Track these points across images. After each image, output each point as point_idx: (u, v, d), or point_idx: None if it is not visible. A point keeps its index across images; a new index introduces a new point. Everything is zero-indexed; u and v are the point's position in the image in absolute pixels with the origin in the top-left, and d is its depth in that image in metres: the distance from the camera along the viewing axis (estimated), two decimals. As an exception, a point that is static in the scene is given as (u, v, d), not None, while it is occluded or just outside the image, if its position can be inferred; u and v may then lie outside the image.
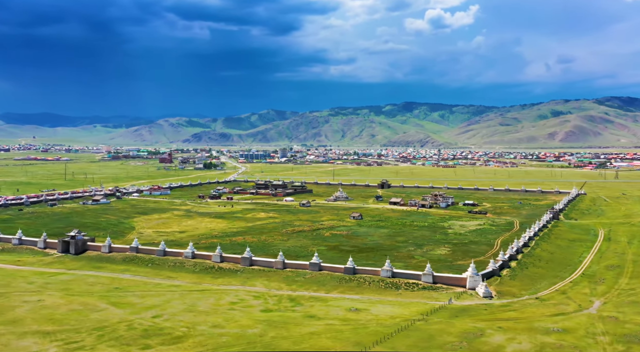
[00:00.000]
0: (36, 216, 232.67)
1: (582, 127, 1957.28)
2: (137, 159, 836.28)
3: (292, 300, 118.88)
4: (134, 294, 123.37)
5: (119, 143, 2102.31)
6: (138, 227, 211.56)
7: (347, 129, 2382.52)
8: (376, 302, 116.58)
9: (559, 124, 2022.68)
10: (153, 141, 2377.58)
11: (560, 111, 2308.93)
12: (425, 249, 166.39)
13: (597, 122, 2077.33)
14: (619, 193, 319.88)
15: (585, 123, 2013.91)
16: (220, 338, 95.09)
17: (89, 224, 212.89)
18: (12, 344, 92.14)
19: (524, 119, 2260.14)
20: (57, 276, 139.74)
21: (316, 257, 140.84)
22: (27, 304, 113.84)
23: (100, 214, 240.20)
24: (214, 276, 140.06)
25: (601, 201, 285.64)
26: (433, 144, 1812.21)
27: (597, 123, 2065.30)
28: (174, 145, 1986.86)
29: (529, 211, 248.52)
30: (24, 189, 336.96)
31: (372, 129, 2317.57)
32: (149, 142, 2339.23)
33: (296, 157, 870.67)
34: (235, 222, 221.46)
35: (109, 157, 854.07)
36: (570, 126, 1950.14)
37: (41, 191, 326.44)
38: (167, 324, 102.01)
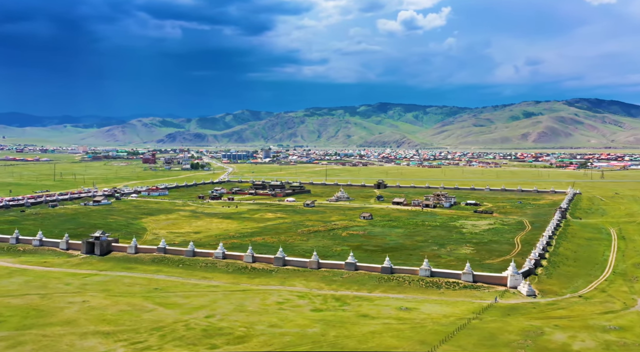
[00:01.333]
0: (42, 217, 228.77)
1: (553, 128, 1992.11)
2: (118, 159, 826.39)
3: (337, 299, 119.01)
4: (176, 294, 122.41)
5: (90, 143, 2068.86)
6: (150, 228, 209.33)
7: (322, 129, 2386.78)
8: (422, 301, 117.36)
9: (532, 125, 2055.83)
10: (126, 141, 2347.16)
11: (532, 112, 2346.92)
12: (448, 248, 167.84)
13: (567, 123, 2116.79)
14: (611, 193, 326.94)
15: (557, 124, 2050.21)
16: (283, 337, 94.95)
17: (99, 225, 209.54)
18: (77, 344, 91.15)
19: (496, 120, 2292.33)
20: (90, 277, 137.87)
21: (352, 257, 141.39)
22: (73, 305, 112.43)
23: (106, 215, 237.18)
24: (250, 276, 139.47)
25: (598, 200, 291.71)
26: (409, 145, 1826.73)
27: (568, 124, 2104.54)
28: (149, 145, 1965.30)
29: (532, 211, 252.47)
30: (16, 190, 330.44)
31: (347, 129, 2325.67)
32: (122, 142, 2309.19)
33: (279, 158, 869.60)
34: (246, 223, 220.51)
35: (89, 158, 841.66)
36: (542, 127, 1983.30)
37: (35, 192, 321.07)
38: (223, 324, 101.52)
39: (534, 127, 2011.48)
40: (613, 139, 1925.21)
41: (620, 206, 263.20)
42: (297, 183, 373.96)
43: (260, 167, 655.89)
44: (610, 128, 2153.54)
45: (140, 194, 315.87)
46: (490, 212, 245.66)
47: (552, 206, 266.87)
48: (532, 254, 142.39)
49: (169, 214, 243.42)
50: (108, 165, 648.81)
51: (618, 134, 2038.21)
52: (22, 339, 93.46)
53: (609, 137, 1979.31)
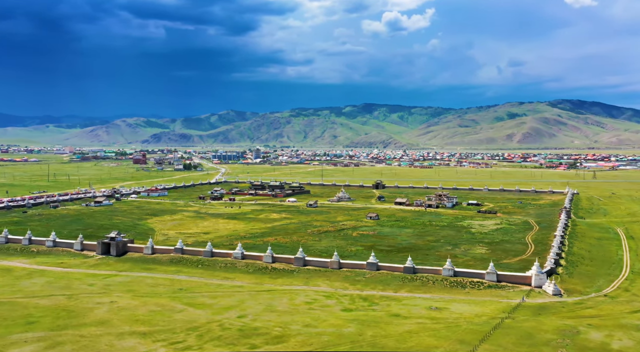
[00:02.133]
0: (46, 218, 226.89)
1: (537, 129, 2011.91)
2: (108, 160, 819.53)
3: (364, 299, 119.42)
4: (202, 295, 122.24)
5: (74, 143, 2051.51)
6: (157, 229, 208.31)
7: (308, 130, 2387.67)
8: (450, 301, 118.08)
9: (516, 125, 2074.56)
10: (110, 142, 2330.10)
11: (516, 113, 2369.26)
12: (462, 248, 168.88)
13: (551, 124, 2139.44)
14: (607, 193, 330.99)
15: (541, 125, 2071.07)
16: (321, 337, 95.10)
17: (106, 226, 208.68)
18: (116, 344, 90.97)
19: (481, 120, 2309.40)
20: (111, 277, 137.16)
21: (373, 257, 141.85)
22: (102, 305, 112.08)
23: (111, 216, 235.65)
24: (272, 276, 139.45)
25: (596, 200, 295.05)
26: (396, 145, 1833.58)
27: (552, 125, 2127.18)
28: (133, 146, 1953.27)
29: (535, 211, 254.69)
30: (12, 191, 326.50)
31: (333, 130, 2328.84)
32: (106, 142, 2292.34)
33: (269, 158, 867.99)
34: (254, 224, 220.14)
35: (78, 158, 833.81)
36: (526, 128, 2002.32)
37: (31, 193, 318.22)
38: (257, 324, 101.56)
39: (518, 128, 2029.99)
40: (596, 140, 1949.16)
41: (620, 206, 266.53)
42: (296, 184, 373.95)
43: (253, 168, 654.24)
44: (592, 129, 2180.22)
45: (139, 194, 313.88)
46: (494, 212, 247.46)
47: (553, 206, 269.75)
48: (551, 253, 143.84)
49: (173, 215, 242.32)
50: (99, 166, 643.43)
51: (601, 134, 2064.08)
52: (59, 339, 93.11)
53: (592, 138, 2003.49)
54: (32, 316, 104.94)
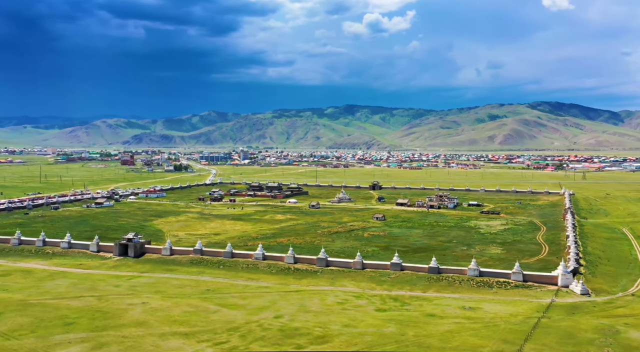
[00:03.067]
0: (50, 220, 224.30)
1: (518, 130, 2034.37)
2: (93, 161, 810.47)
3: (395, 300, 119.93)
4: (231, 295, 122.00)
5: (53, 144, 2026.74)
6: (165, 230, 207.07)
7: (291, 131, 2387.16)
8: (480, 300, 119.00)
9: (497, 127, 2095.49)
10: (90, 143, 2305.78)
11: (497, 115, 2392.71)
12: (477, 248, 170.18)
13: (531, 125, 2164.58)
14: (601, 193, 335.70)
15: (521, 127, 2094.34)
16: (364, 337, 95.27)
17: (113, 228, 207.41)
18: (162, 345, 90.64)
19: (463, 122, 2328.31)
20: (135, 278, 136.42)
21: (397, 258, 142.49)
22: (134, 306, 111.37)
23: (115, 218, 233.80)
24: (295, 277, 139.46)
25: (593, 201, 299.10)
26: (379, 147, 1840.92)
27: (532, 127, 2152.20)
28: (114, 147, 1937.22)
29: (536, 211, 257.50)
30: (7, 193, 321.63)
31: (316, 131, 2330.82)
32: (86, 143, 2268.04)
33: (257, 160, 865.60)
34: (261, 225, 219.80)
35: (63, 159, 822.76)
36: (507, 129, 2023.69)
37: (27, 194, 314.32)
38: (296, 324, 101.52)
39: (499, 129, 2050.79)
40: (575, 142, 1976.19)
41: (619, 207, 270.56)
42: (294, 185, 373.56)
43: (244, 169, 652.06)
44: (571, 131, 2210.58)
45: (138, 196, 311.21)
46: (497, 212, 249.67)
47: (553, 207, 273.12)
48: (572, 253, 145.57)
49: (178, 216, 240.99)
50: (87, 167, 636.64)
51: (579, 136, 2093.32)
52: (102, 340, 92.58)
53: (571, 140, 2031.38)
54: (67, 317, 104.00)
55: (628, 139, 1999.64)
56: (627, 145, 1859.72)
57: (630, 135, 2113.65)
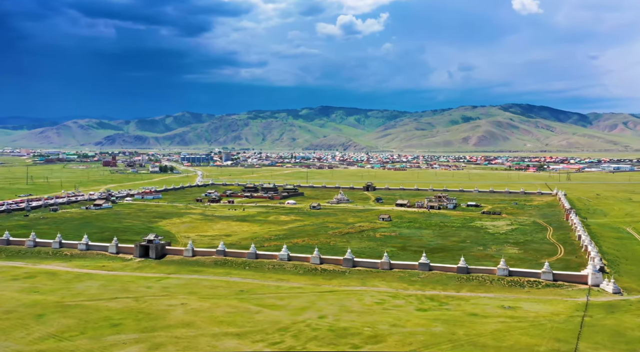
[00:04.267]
0: (53, 221, 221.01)
1: (492, 132, 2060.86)
2: (72, 162, 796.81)
3: (431, 299, 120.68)
4: (267, 296, 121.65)
5: (22, 145, 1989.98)
6: (173, 231, 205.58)
7: (267, 132, 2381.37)
8: (516, 300, 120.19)
9: (471, 129, 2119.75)
10: (61, 144, 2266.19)
11: (470, 117, 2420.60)
12: (493, 248, 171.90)
13: (504, 127, 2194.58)
14: (591, 194, 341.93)
15: (495, 128, 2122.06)
16: (416, 337, 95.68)
17: (121, 229, 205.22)
18: (218, 345, 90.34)
19: (437, 124, 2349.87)
20: (164, 280, 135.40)
21: (424, 258, 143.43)
22: (174, 307, 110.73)
23: (119, 219, 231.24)
24: (325, 277, 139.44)
25: (586, 201, 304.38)
26: (355, 148, 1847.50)
27: (505, 128, 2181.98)
28: (86, 148, 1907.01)
29: (536, 211, 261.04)
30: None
31: (292, 132, 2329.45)
32: (57, 144, 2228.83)
33: (239, 161, 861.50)
34: (269, 226, 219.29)
35: (42, 161, 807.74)
36: (481, 131, 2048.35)
37: (18, 196, 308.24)
38: (343, 324, 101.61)
39: (473, 131, 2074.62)
40: (547, 143, 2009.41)
41: (614, 207, 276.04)
42: (291, 186, 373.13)
43: (229, 170, 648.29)
44: (543, 132, 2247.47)
45: (134, 197, 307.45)
46: (498, 213, 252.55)
47: (550, 207, 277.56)
48: (594, 253, 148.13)
49: (181, 218, 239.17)
50: (69, 169, 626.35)
51: (551, 138, 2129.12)
52: (156, 341, 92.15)
53: (543, 141, 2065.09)
54: (111, 318, 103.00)
55: (597, 141, 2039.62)
56: (596, 147, 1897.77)
57: (599, 137, 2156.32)
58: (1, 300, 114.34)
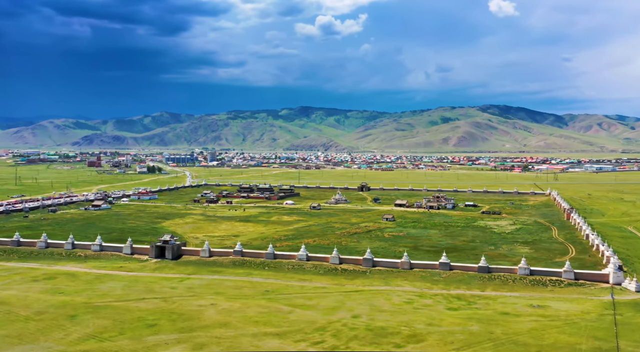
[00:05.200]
0: (56, 223, 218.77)
1: (471, 133, 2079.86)
2: (55, 163, 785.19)
3: (458, 298, 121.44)
4: (294, 296, 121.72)
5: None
6: (180, 231, 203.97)
7: (247, 132, 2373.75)
8: (541, 298, 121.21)
9: (451, 129, 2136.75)
10: (37, 144, 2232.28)
11: (449, 117, 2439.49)
12: (504, 248, 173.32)
13: (483, 128, 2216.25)
14: (583, 194, 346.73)
15: (474, 129, 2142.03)
16: (455, 336, 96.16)
17: (127, 230, 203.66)
18: (261, 345, 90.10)
19: (417, 124, 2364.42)
20: (186, 280, 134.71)
21: (445, 257, 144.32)
22: (205, 307, 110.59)
23: (121, 220, 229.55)
24: (346, 277, 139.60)
25: (580, 201, 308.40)
26: (336, 148, 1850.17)
27: (484, 129, 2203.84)
28: (63, 148, 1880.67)
29: (534, 211, 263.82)
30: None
31: (272, 133, 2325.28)
32: (33, 144, 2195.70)
33: (224, 161, 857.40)
34: (274, 226, 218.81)
35: (24, 161, 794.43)
36: (461, 132, 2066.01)
37: (11, 197, 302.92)
38: (378, 323, 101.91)
39: (453, 132, 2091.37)
40: (525, 144, 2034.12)
41: (609, 206, 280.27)
42: (287, 186, 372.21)
43: (217, 171, 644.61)
44: (521, 133, 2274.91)
45: (130, 198, 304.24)
46: (498, 212, 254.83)
47: (547, 207, 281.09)
48: (609, 252, 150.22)
49: (183, 218, 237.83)
50: (53, 169, 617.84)
51: (529, 139, 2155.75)
52: (197, 341, 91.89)
53: (521, 142, 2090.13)
54: (144, 319, 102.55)
55: (574, 142, 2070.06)
56: (573, 148, 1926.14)
57: (576, 138, 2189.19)
58: (29, 301, 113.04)
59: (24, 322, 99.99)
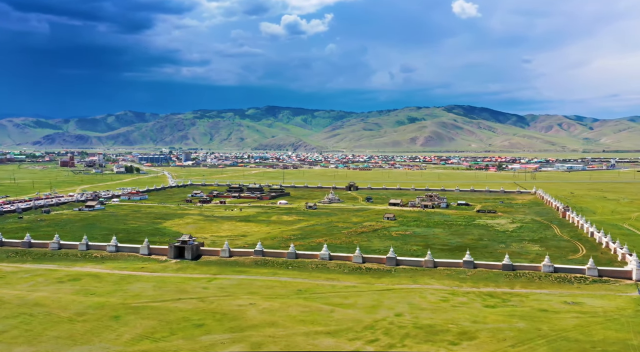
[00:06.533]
0: (56, 224, 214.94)
1: (438, 132, 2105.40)
2: (25, 163, 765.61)
3: (491, 296, 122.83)
4: (328, 295, 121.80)
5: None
6: (184, 232, 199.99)
7: (214, 132, 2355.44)
8: (572, 295, 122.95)
9: (418, 129, 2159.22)
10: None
11: (416, 117, 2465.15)
12: (514, 246, 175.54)
13: (449, 128, 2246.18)
14: (566, 192, 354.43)
15: (440, 129, 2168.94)
16: (504, 333, 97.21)
17: (131, 230, 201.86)
18: (318, 344, 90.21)
19: (384, 124, 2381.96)
20: (215, 280, 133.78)
21: (468, 256, 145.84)
22: (245, 307, 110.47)
23: (121, 220, 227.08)
24: (373, 276, 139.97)
25: (565, 199, 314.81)
26: (305, 148, 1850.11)
27: (450, 129, 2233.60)
28: (24, 147, 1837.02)
29: (527, 209, 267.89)
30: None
31: (240, 132, 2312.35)
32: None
33: (199, 161, 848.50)
34: (278, 226, 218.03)
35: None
36: (428, 132, 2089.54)
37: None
38: (424, 321, 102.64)
39: (420, 131, 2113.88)
40: (490, 144, 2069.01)
41: (596, 204, 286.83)
42: (277, 186, 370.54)
43: (196, 171, 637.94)
44: (485, 133, 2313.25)
45: (120, 198, 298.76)
46: (493, 211, 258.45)
47: (538, 205, 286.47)
48: (625, 249, 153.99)
49: (182, 218, 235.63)
50: (26, 169, 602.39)
51: (493, 138, 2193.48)
52: (253, 340, 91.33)
53: (486, 142, 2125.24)
54: (189, 319, 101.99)
55: (537, 142, 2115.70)
56: (536, 147, 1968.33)
57: (538, 138, 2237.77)
58: (63, 302, 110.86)
59: (69, 324, 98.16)
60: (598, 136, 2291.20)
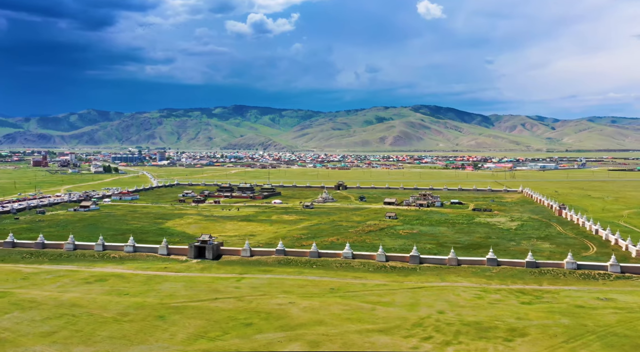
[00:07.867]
0: (55, 224, 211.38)
1: (406, 132, 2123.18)
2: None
3: (522, 293, 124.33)
4: (363, 293, 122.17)
5: None
6: (190, 232, 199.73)
7: (182, 131, 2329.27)
8: (602, 291, 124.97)
9: (386, 129, 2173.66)
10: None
11: (384, 117, 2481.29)
12: (524, 244, 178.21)
13: (417, 128, 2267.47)
14: (550, 191, 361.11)
15: (408, 129, 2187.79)
16: (552, 329, 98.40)
17: (135, 231, 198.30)
18: (376, 342, 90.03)
19: (352, 124, 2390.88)
20: (244, 280, 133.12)
21: (492, 253, 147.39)
22: (287, 306, 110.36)
23: (121, 221, 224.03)
24: (398, 274, 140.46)
25: (552, 198, 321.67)
26: (275, 147, 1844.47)
27: (417, 129, 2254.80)
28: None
29: (521, 208, 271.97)
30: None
31: (208, 131, 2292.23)
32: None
33: (174, 160, 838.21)
34: (282, 225, 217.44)
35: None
36: (396, 131, 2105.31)
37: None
38: (469, 318, 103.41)
39: (389, 131, 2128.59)
40: (457, 143, 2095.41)
41: (584, 202, 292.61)
42: (268, 185, 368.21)
43: (175, 170, 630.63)
44: (452, 133, 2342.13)
45: (112, 198, 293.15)
46: (489, 210, 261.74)
47: (529, 203, 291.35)
48: (638, 246, 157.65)
49: (182, 218, 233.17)
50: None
51: (460, 138, 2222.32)
52: (308, 338, 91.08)
53: (453, 141, 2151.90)
54: (235, 318, 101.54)
55: (502, 141, 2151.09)
56: (502, 147, 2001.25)
57: (503, 137, 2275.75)
58: (100, 303, 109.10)
59: (116, 324, 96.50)
60: (560, 136, 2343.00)
